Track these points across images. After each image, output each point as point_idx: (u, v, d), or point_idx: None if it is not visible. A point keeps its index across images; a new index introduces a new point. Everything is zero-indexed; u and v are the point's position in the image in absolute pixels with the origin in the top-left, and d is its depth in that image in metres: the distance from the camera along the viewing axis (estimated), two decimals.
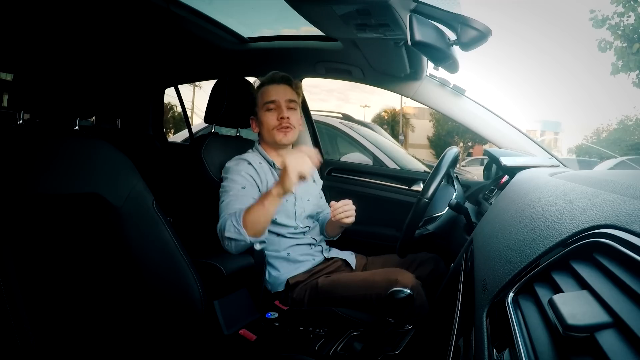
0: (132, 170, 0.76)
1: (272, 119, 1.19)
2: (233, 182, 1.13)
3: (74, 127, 0.80)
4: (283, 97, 1.20)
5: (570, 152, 19.05)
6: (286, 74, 1.24)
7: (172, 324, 0.81)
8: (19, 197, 0.64)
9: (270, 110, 1.20)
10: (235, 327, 0.99)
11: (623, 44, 10.49)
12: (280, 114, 1.19)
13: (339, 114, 3.10)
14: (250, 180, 1.15)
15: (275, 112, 1.19)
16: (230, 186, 1.12)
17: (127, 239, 0.74)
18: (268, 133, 1.21)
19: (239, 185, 1.12)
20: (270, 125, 1.20)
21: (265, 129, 1.21)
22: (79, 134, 0.80)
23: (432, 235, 1.15)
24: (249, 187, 1.13)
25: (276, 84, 1.21)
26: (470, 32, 0.80)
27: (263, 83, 1.23)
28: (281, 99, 1.19)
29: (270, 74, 1.24)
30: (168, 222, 0.79)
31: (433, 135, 24.18)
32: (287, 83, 1.22)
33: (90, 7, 1.25)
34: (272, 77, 1.22)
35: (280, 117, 1.19)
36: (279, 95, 1.19)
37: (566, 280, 0.28)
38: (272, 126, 1.20)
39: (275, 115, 1.19)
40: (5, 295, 0.57)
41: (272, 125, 1.19)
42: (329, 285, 1.13)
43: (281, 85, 1.21)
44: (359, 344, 0.89)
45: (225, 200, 1.09)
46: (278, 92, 1.20)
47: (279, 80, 1.22)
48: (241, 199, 1.09)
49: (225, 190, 1.12)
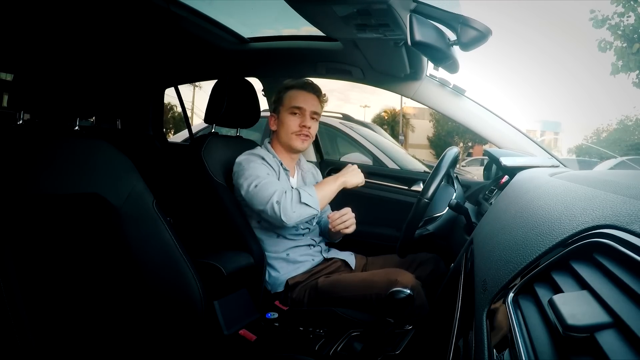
0: (132, 170, 0.77)
1: (294, 124, 1.22)
2: (257, 169, 1.14)
3: (74, 127, 0.80)
4: (310, 107, 1.23)
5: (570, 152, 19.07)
6: (318, 86, 1.27)
7: (172, 324, 0.81)
8: (19, 197, 0.64)
9: (294, 115, 1.22)
10: (235, 327, 0.99)
11: (623, 44, 10.49)
12: (304, 122, 1.22)
13: (339, 114, 3.10)
14: (270, 170, 1.18)
15: (299, 119, 1.22)
16: (257, 174, 1.12)
17: (127, 239, 0.74)
18: (287, 135, 1.23)
19: (264, 172, 1.14)
20: (291, 129, 1.22)
21: (285, 131, 1.23)
22: (79, 134, 0.80)
23: (432, 236, 1.15)
24: (272, 175, 1.17)
25: (307, 91, 1.24)
26: (470, 32, 0.80)
27: (294, 86, 1.25)
28: (308, 108, 1.22)
29: (303, 80, 1.27)
30: (168, 222, 0.79)
31: (433, 135, 24.16)
32: (316, 94, 1.25)
33: (90, 7, 1.25)
34: (305, 84, 1.25)
35: (302, 125, 1.22)
36: (307, 104, 1.22)
37: (566, 281, 0.28)
38: (292, 130, 1.22)
39: (298, 121, 1.22)
40: (5, 295, 0.57)
41: (293, 129, 1.22)
42: (328, 285, 1.13)
43: (311, 95, 1.24)
44: (359, 344, 0.89)
45: (261, 184, 1.10)
46: (307, 100, 1.23)
47: (310, 89, 1.24)
48: (275, 182, 1.12)
49: (255, 177, 1.11)
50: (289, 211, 1.05)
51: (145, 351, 0.77)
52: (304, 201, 1.07)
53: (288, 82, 1.27)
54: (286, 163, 1.26)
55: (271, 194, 1.07)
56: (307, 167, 1.38)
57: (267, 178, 1.12)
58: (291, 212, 1.06)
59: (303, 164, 1.36)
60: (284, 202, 1.06)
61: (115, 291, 0.74)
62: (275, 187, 1.09)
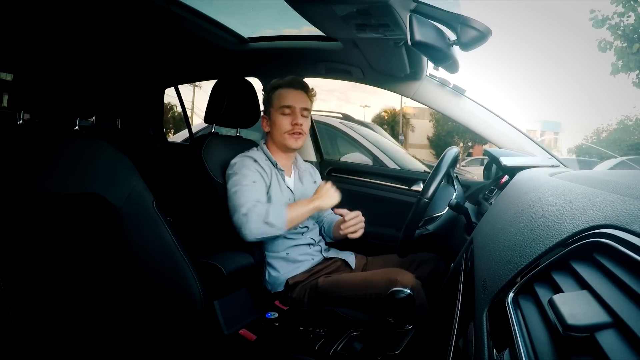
0: (132, 170, 0.76)
1: (285, 123, 1.22)
2: (244, 176, 1.14)
3: (74, 127, 0.80)
4: (299, 104, 1.22)
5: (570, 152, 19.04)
6: (305, 82, 1.27)
7: (172, 324, 0.81)
8: (19, 197, 0.64)
9: (285, 115, 1.22)
10: (235, 327, 0.99)
11: (623, 44, 10.48)
12: (295, 120, 1.21)
13: (339, 114, 3.10)
14: (258, 176, 1.17)
15: (290, 117, 1.22)
16: (241, 180, 1.13)
17: (127, 239, 0.74)
18: (280, 136, 1.23)
19: (250, 179, 1.14)
20: (283, 129, 1.22)
21: (278, 131, 1.23)
22: (79, 134, 0.80)
23: (432, 235, 1.15)
24: (259, 183, 1.16)
25: (294, 89, 1.23)
26: (470, 32, 0.80)
27: (281, 85, 1.24)
28: (297, 105, 1.22)
29: (289, 78, 1.26)
30: (168, 222, 0.79)
31: (433, 135, 24.16)
32: (304, 90, 1.25)
33: (90, 7, 1.25)
34: (292, 82, 1.24)
35: (294, 123, 1.21)
36: (295, 102, 1.22)
37: (566, 280, 0.28)
38: (284, 130, 1.22)
39: (289, 120, 1.22)
40: (5, 295, 0.57)
41: (285, 129, 1.22)
42: (328, 285, 1.13)
43: (299, 92, 1.23)
44: (359, 344, 0.89)
45: (239, 191, 1.10)
46: (295, 98, 1.22)
47: (297, 86, 1.24)
48: (255, 191, 1.12)
49: (238, 182, 1.13)
50: (252, 227, 1.05)
51: (145, 351, 0.77)
52: (269, 220, 1.05)
53: (275, 82, 1.27)
54: (282, 163, 1.27)
55: (242, 204, 1.07)
56: (304, 166, 1.37)
57: (248, 186, 1.11)
58: (254, 228, 1.05)
59: (300, 164, 1.35)
60: (251, 216, 1.05)
61: (115, 291, 0.74)
62: (249, 198, 1.08)
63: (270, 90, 1.27)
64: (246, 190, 1.10)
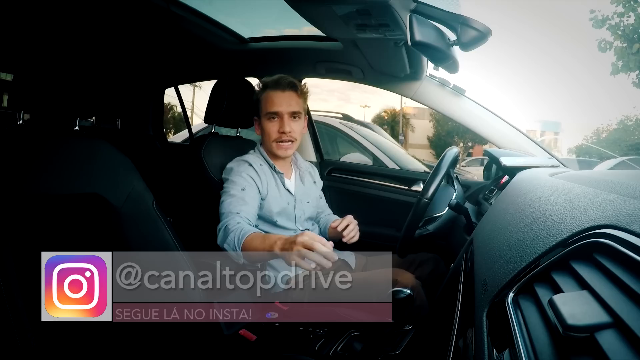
0: (132, 170, 0.76)
1: (273, 130, 1.14)
2: (233, 183, 1.12)
3: (74, 127, 0.80)
4: (287, 109, 1.12)
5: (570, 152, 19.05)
6: (292, 80, 1.16)
7: (171, 323, 0.80)
8: (19, 197, 0.64)
9: (272, 121, 1.14)
10: (235, 327, 0.99)
11: (623, 44, 10.49)
12: (282, 128, 1.12)
13: (339, 114, 3.10)
14: (250, 182, 1.14)
15: (277, 124, 1.13)
16: (229, 188, 1.11)
17: (127, 239, 0.74)
18: (269, 143, 1.17)
19: (239, 186, 1.11)
20: (271, 137, 1.15)
21: (267, 138, 1.17)
22: (79, 134, 0.80)
23: (432, 235, 1.15)
24: (248, 189, 1.13)
25: (281, 90, 1.13)
26: (470, 32, 0.80)
27: (267, 87, 1.15)
28: (284, 110, 1.12)
29: (275, 77, 1.16)
30: (168, 222, 0.79)
31: (433, 135, 24.16)
32: (292, 89, 1.14)
33: (90, 7, 1.25)
34: (277, 82, 1.14)
35: (281, 131, 1.12)
36: (282, 106, 1.12)
37: (566, 281, 0.28)
38: (272, 138, 1.15)
39: (276, 127, 1.13)
40: (5, 295, 0.57)
41: (273, 137, 1.15)
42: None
43: (286, 93, 1.13)
44: (359, 344, 0.89)
45: (225, 201, 1.09)
46: (282, 102, 1.12)
47: (284, 86, 1.13)
48: (240, 200, 1.09)
49: (226, 191, 1.11)
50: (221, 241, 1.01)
51: (145, 351, 0.77)
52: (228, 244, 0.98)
53: (263, 80, 1.17)
54: (280, 165, 1.22)
55: (226, 215, 1.04)
56: (304, 166, 1.35)
57: (234, 196, 1.08)
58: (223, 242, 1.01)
59: (300, 163, 1.32)
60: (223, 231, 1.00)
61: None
62: (230, 210, 1.04)
63: (259, 92, 1.17)
64: (231, 201, 1.07)
